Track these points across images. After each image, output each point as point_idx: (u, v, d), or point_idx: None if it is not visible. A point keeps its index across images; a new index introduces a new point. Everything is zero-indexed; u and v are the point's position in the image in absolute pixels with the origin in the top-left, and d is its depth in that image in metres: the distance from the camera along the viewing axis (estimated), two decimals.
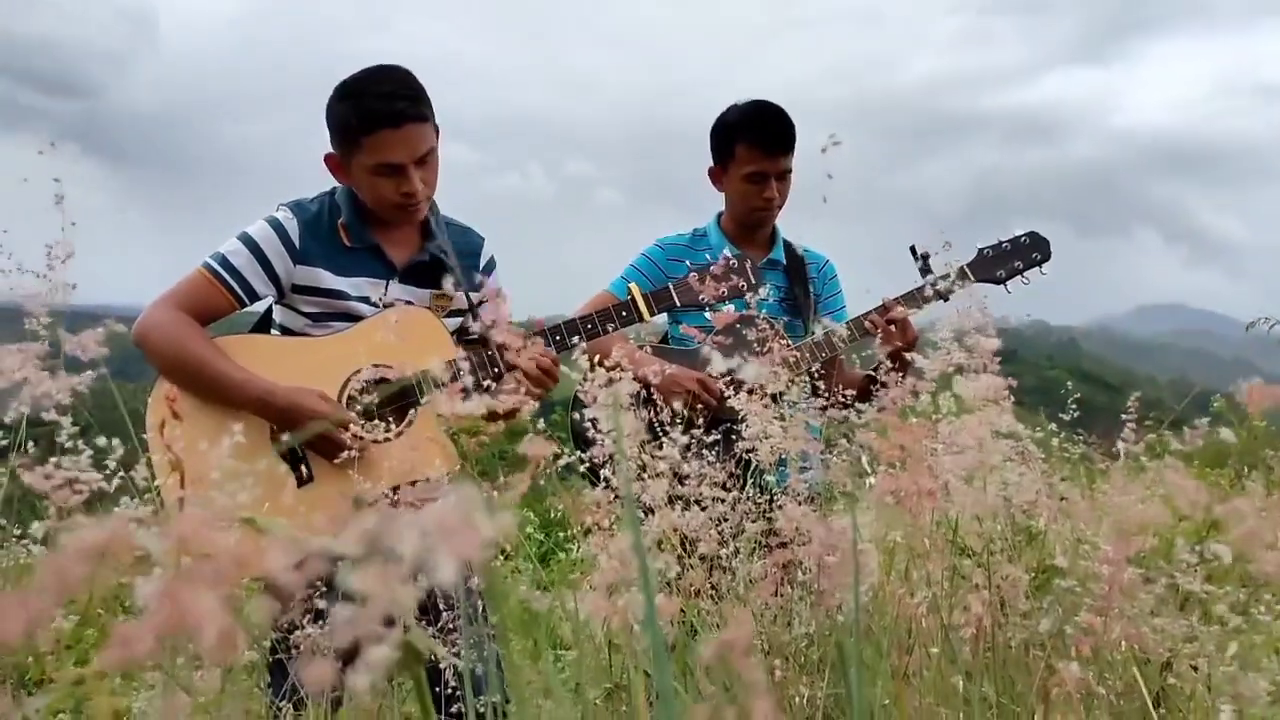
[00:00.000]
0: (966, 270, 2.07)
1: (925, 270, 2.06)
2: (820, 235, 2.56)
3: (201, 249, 1.91)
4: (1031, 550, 1.28)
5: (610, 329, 1.93)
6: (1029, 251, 2.12)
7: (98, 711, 0.36)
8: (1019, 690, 1.15)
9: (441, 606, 1.40)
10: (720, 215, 2.46)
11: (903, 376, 1.09)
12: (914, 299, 2.09)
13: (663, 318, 2.24)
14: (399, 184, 1.83)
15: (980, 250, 2.12)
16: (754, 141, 2.28)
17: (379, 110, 1.78)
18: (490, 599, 1.23)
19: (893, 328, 2.01)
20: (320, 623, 1.35)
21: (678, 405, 1.46)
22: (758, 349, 1.49)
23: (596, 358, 0.98)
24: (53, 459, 0.90)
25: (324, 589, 1.39)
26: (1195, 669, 1.07)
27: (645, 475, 1.06)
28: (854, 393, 1.49)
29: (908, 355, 1.34)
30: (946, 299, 2.04)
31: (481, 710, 1.36)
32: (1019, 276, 2.14)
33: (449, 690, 1.32)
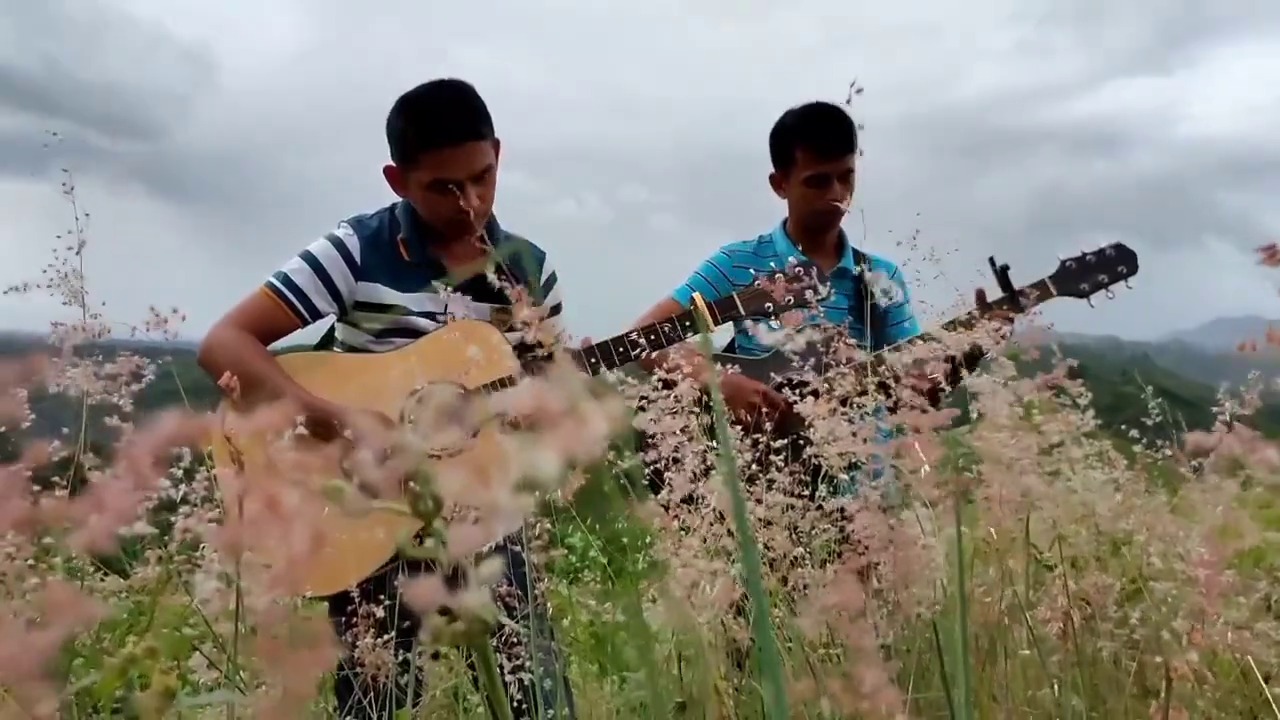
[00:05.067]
0: (1049, 284, 1.96)
1: (1005, 284, 1.95)
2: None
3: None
4: (1118, 560, 1.21)
5: (674, 340, 1.89)
6: (1115, 264, 1.98)
7: (150, 689, 0.35)
8: (1109, 706, 1.08)
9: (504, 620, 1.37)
10: (785, 221, 2.42)
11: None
12: (1000, 311, 1.98)
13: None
14: (454, 200, 1.83)
15: (1063, 262, 1.98)
16: (812, 145, 2.24)
17: (437, 127, 1.79)
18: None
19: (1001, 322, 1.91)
20: (382, 636, 1.34)
21: (739, 414, 1.40)
22: (823, 351, 1.43)
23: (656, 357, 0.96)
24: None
25: (383, 597, 1.39)
26: None
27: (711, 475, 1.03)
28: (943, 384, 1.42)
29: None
30: (1025, 311, 1.93)
31: None
32: (1104, 290, 1.99)
33: (515, 705, 1.29)
